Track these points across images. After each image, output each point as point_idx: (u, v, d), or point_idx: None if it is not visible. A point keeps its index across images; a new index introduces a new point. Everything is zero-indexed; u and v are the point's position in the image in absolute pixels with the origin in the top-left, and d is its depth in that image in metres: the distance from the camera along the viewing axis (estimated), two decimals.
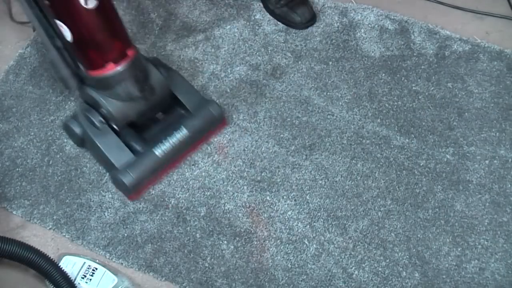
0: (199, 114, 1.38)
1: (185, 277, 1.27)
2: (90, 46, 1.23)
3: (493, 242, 1.30)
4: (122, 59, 1.24)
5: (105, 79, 1.25)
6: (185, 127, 1.35)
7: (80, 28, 1.19)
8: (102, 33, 1.21)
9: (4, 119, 1.50)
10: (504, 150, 1.43)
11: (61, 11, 1.19)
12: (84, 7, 1.14)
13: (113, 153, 1.32)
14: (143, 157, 1.33)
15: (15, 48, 1.63)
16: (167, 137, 1.34)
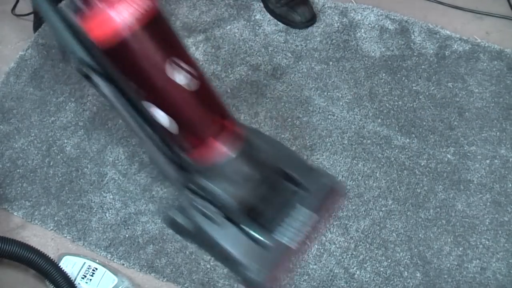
0: (314, 188, 1.17)
1: (187, 278, 1.26)
2: (194, 130, 1.06)
3: (495, 242, 1.30)
4: (229, 138, 1.06)
5: (218, 165, 1.08)
6: (304, 206, 1.16)
7: (180, 110, 1.03)
8: (207, 113, 1.05)
9: (4, 121, 1.50)
10: (505, 149, 1.43)
11: (156, 93, 1.02)
12: (180, 84, 1.00)
13: (238, 249, 1.14)
14: (271, 248, 1.14)
15: (15, 48, 1.63)
16: (286, 220, 1.15)
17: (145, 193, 1.38)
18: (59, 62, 1.61)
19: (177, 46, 1.02)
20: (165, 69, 0.98)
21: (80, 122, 1.50)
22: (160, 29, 0.98)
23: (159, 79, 0.99)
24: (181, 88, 1.00)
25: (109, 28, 0.93)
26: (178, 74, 0.99)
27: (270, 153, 1.14)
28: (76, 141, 1.46)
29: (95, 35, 0.95)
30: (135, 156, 1.44)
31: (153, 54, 0.97)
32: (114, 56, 0.98)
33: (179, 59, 0.99)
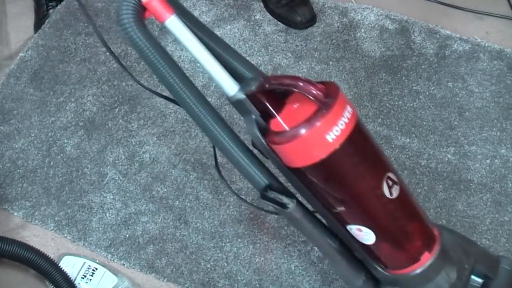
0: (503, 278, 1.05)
1: (187, 278, 1.26)
2: (399, 241, 0.94)
3: (495, 241, 1.30)
4: (433, 244, 0.96)
5: (419, 273, 0.95)
6: None
7: (386, 224, 0.91)
8: (410, 220, 0.94)
9: (5, 122, 1.50)
10: (505, 149, 1.43)
11: (362, 212, 0.90)
12: (389, 197, 0.86)
13: None
14: None
15: (15, 48, 1.63)
16: None
17: (145, 193, 1.38)
18: (59, 63, 1.61)
19: (384, 154, 0.89)
20: (381, 186, 0.86)
21: (80, 122, 1.50)
22: (365, 135, 0.86)
23: (376, 200, 0.87)
24: (393, 201, 0.87)
25: (316, 151, 0.80)
26: (392, 190, 0.87)
27: (462, 252, 1.04)
28: (76, 141, 1.46)
29: (295, 159, 0.82)
30: (135, 156, 1.44)
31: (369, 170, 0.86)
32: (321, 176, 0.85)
33: (391, 171, 0.87)
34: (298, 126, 0.78)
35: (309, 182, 0.86)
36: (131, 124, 1.49)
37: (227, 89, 0.83)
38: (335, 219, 0.92)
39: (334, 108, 0.78)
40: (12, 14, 1.72)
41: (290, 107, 0.80)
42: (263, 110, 0.81)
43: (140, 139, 1.47)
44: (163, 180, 1.40)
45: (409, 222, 0.94)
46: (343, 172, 0.84)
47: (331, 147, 0.79)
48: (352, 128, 0.80)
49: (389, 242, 0.94)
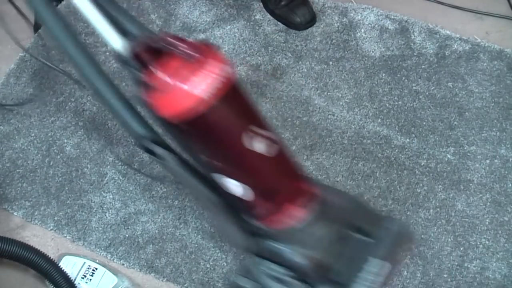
0: (384, 238, 1.11)
1: (187, 278, 1.26)
2: (270, 196, 1.00)
3: (495, 242, 1.30)
4: (305, 201, 1.01)
5: (292, 228, 1.02)
6: (377, 257, 1.09)
7: (257, 179, 0.97)
8: (283, 177, 0.99)
9: (4, 121, 1.50)
10: (505, 149, 1.43)
11: (231, 164, 0.95)
12: (258, 152, 0.92)
13: None
14: None
15: (15, 48, 1.63)
16: (360, 274, 1.06)
17: (145, 193, 1.38)
18: (58, 63, 1.61)
19: (254, 112, 0.95)
20: (242, 140, 0.91)
21: (80, 122, 1.50)
22: (237, 98, 0.92)
23: (236, 151, 0.93)
24: (260, 157, 0.93)
25: (185, 104, 0.85)
26: (257, 143, 0.92)
27: (342, 209, 1.10)
28: (76, 141, 1.46)
29: (167, 112, 0.87)
30: (135, 156, 1.44)
31: (231, 125, 0.91)
32: (186, 130, 0.91)
33: (257, 126, 0.92)
34: (171, 80, 0.84)
35: (183, 135, 0.92)
36: None
37: (112, 43, 0.89)
38: (210, 169, 0.97)
39: (207, 66, 0.84)
40: (12, 14, 1.72)
41: (169, 64, 0.86)
42: (145, 65, 0.87)
43: None
44: (163, 179, 1.40)
45: (281, 179, 0.99)
46: (214, 128, 0.89)
47: (201, 103, 0.85)
48: (224, 88, 0.86)
49: (261, 197, 0.98)
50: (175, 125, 0.89)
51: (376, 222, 1.13)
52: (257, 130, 0.92)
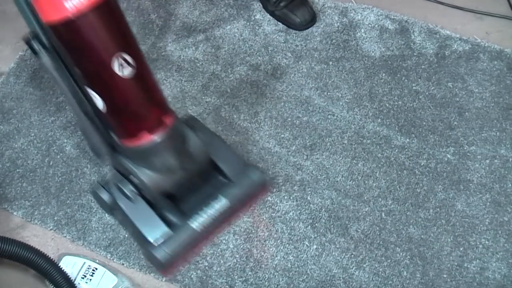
0: (239, 182, 1.24)
1: (185, 276, 1.26)
2: (124, 116, 1.09)
3: (494, 242, 1.30)
4: (159, 128, 1.10)
5: (140, 150, 1.11)
6: (225, 197, 1.21)
7: (114, 98, 1.06)
8: (138, 102, 1.08)
9: (4, 121, 1.50)
10: (505, 149, 1.43)
11: (93, 80, 1.05)
12: (119, 75, 1.01)
13: (147, 226, 1.18)
14: (178, 231, 1.18)
15: (15, 48, 1.63)
16: (205, 208, 1.19)
17: None
18: None
19: (127, 37, 1.03)
20: (111, 63, 0.99)
21: None
22: (111, 17, 0.99)
23: (103, 72, 1.01)
24: (123, 80, 1.02)
25: (58, 6, 0.93)
26: (123, 69, 1.01)
27: (202, 144, 1.20)
28: (76, 140, 1.46)
29: (43, 11, 0.96)
30: None
31: (101, 44, 0.99)
32: (60, 36, 0.99)
33: (127, 53, 1.00)
34: None
35: (54, 38, 1.01)
36: None
37: None
38: (78, 78, 1.08)
39: None
40: (12, 14, 1.72)
41: None
42: None
43: None
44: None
45: (134, 103, 1.07)
46: (78, 40, 0.97)
47: (65, 12, 0.93)
48: (93, 6, 0.93)
49: (115, 113, 1.09)
50: (51, 27, 0.97)
51: (237, 168, 1.26)
52: (126, 56, 0.99)
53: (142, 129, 1.10)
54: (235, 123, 1.48)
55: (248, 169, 1.27)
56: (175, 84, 1.56)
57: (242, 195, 1.24)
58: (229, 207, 1.21)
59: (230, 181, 1.25)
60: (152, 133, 1.09)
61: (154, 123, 1.10)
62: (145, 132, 1.09)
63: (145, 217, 1.19)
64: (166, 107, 1.14)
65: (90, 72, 1.04)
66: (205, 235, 1.21)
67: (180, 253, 1.18)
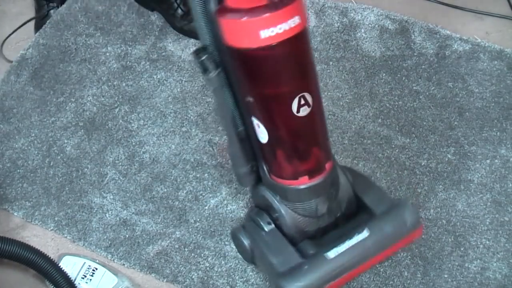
0: (387, 215, 1.09)
1: (186, 277, 1.26)
2: (286, 154, 1.02)
3: (495, 242, 1.30)
4: (318, 174, 1.03)
5: (292, 190, 1.04)
6: (368, 228, 1.06)
7: (281, 134, 1.00)
8: (305, 142, 1.01)
9: (4, 120, 1.50)
10: (505, 149, 1.43)
11: (265, 112, 0.98)
12: (295, 114, 0.95)
13: (277, 255, 1.07)
14: (312, 260, 1.05)
15: (15, 48, 1.63)
16: (345, 239, 1.06)
17: (145, 193, 1.38)
18: (59, 62, 1.61)
19: (313, 74, 0.96)
20: (292, 102, 0.94)
21: (80, 122, 1.50)
22: (304, 50, 0.93)
23: (280, 108, 0.95)
24: (297, 118, 0.96)
25: (251, 34, 0.87)
26: (301, 108, 0.95)
27: (351, 189, 1.11)
28: (76, 141, 1.46)
29: (230, 36, 0.90)
30: (135, 156, 1.44)
31: (289, 80, 0.93)
32: (243, 63, 0.93)
33: (309, 92, 0.94)
34: (243, 10, 0.86)
35: (234, 62, 0.95)
36: (131, 124, 1.49)
37: None
38: (246, 106, 1.01)
39: (279, 11, 0.86)
40: (12, 14, 1.72)
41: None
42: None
43: (140, 139, 1.47)
44: (163, 180, 1.40)
45: (302, 143, 1.01)
46: (262, 70, 0.92)
47: (259, 43, 0.87)
48: (289, 37, 0.88)
49: (277, 150, 1.02)
50: (234, 51, 0.91)
51: (384, 201, 1.13)
52: (307, 96, 0.94)
53: (301, 172, 1.02)
54: None
55: (398, 205, 1.11)
56: (175, 85, 1.56)
57: (388, 229, 1.08)
58: (371, 238, 1.06)
59: (376, 215, 1.11)
60: (311, 178, 1.02)
61: (315, 167, 1.02)
62: (304, 175, 1.02)
63: (277, 246, 1.08)
64: (330, 153, 1.06)
65: (264, 104, 0.97)
66: (343, 268, 1.05)
67: (312, 285, 1.03)
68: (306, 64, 0.94)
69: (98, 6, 1.71)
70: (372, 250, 1.07)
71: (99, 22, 1.67)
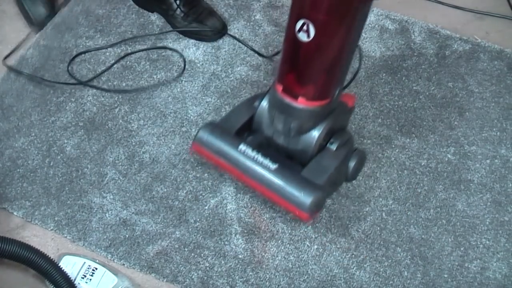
0: (299, 181, 1.22)
1: (187, 277, 1.26)
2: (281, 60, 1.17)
3: (495, 242, 1.30)
4: (291, 97, 1.18)
5: (272, 91, 1.23)
6: (279, 168, 1.22)
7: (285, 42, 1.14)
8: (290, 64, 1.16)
9: (4, 118, 1.50)
10: (505, 149, 1.43)
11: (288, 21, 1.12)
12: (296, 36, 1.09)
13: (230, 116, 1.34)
14: (230, 136, 1.28)
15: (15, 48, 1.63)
16: (259, 155, 1.24)
17: (145, 193, 1.38)
18: (59, 63, 1.61)
19: (321, 10, 1.06)
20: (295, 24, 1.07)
21: (80, 122, 1.50)
22: None
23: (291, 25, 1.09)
24: (298, 42, 1.09)
25: None
26: (300, 34, 1.08)
27: (330, 153, 1.26)
28: (76, 141, 1.46)
29: None
30: (135, 156, 1.44)
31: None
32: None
33: (312, 23, 1.06)
34: None
35: None
36: (131, 124, 1.49)
37: None
38: None
39: None
40: (12, 14, 1.72)
41: None
42: None
43: (140, 139, 1.47)
44: (163, 180, 1.40)
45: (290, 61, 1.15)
46: None
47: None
48: None
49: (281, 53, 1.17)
50: None
51: (317, 177, 1.24)
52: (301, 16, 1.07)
53: (281, 82, 1.18)
54: None
55: (314, 189, 1.21)
56: (175, 85, 1.56)
57: (287, 186, 1.21)
58: (271, 176, 1.22)
59: (298, 172, 1.24)
60: (284, 94, 1.18)
61: (289, 88, 1.18)
62: (281, 86, 1.19)
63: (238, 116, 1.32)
64: (313, 95, 1.18)
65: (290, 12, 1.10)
66: (235, 165, 1.26)
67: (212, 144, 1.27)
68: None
69: (98, 10, 1.71)
70: (264, 180, 1.23)
71: (99, 24, 1.68)
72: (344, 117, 1.31)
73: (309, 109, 1.19)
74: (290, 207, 1.22)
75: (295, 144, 1.25)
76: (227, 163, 1.27)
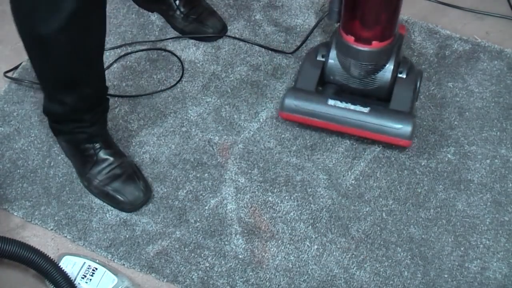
0: (393, 114, 1.35)
1: (187, 277, 1.26)
2: (347, 13, 1.31)
3: (495, 242, 1.30)
4: (363, 43, 1.31)
5: (342, 42, 1.34)
6: (371, 109, 1.35)
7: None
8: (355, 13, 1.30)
9: (5, 123, 1.49)
10: (505, 149, 1.43)
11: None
12: None
13: (303, 77, 1.42)
14: (316, 96, 1.38)
15: (15, 48, 1.63)
16: (349, 102, 1.36)
17: None
18: None
19: None
20: None
21: None
22: None
23: None
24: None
25: None
26: None
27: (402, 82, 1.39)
28: None
29: None
30: (135, 156, 1.44)
31: None
32: None
33: None
34: None
35: None
36: (131, 124, 1.49)
37: None
38: None
39: None
40: None
41: None
42: None
43: (140, 139, 1.47)
44: (163, 180, 1.40)
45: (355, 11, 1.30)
46: None
47: None
48: None
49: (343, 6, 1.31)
50: None
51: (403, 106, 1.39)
52: None
53: (351, 32, 1.32)
54: (235, 123, 1.48)
55: (407, 116, 1.34)
56: (175, 85, 1.56)
57: (384, 122, 1.34)
58: (367, 118, 1.34)
59: (387, 108, 1.37)
60: (356, 41, 1.31)
61: (360, 35, 1.31)
62: (351, 35, 1.32)
63: (310, 72, 1.43)
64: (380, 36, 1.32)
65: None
66: (329, 118, 1.37)
67: (300, 107, 1.37)
68: None
69: None
70: (362, 125, 1.35)
71: None
72: (401, 46, 1.41)
73: (383, 49, 1.33)
74: (392, 140, 1.35)
75: (372, 84, 1.38)
76: (323, 120, 1.37)
